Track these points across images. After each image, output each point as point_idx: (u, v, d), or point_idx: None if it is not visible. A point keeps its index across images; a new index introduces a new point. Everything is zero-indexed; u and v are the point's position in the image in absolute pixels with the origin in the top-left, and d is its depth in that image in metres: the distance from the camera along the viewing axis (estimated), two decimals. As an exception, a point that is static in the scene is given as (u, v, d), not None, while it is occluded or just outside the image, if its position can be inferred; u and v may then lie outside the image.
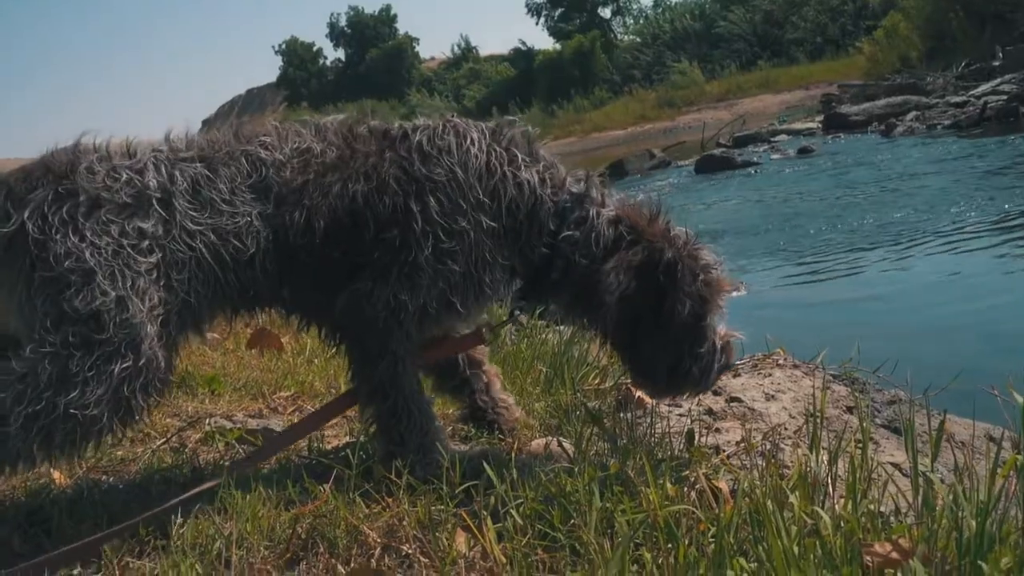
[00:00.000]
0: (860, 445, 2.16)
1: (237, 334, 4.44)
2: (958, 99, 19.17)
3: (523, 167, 2.35)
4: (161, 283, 2.08)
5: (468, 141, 2.31)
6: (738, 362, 3.67)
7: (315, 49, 72.08)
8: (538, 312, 4.89)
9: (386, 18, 70.81)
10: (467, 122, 2.40)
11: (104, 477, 2.55)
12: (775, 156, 17.37)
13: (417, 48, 69.05)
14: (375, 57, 66.06)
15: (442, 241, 2.24)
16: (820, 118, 21.97)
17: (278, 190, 2.21)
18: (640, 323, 2.34)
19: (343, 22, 70.55)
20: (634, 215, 2.42)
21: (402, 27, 73.26)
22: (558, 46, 48.80)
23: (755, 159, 16.99)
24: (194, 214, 2.13)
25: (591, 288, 2.34)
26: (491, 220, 2.28)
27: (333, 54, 73.73)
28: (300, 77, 69.43)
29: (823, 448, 2.24)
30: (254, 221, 2.18)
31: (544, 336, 4.28)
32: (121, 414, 2.04)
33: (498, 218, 2.30)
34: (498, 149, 2.34)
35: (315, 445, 2.68)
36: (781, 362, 3.67)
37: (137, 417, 2.08)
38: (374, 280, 2.26)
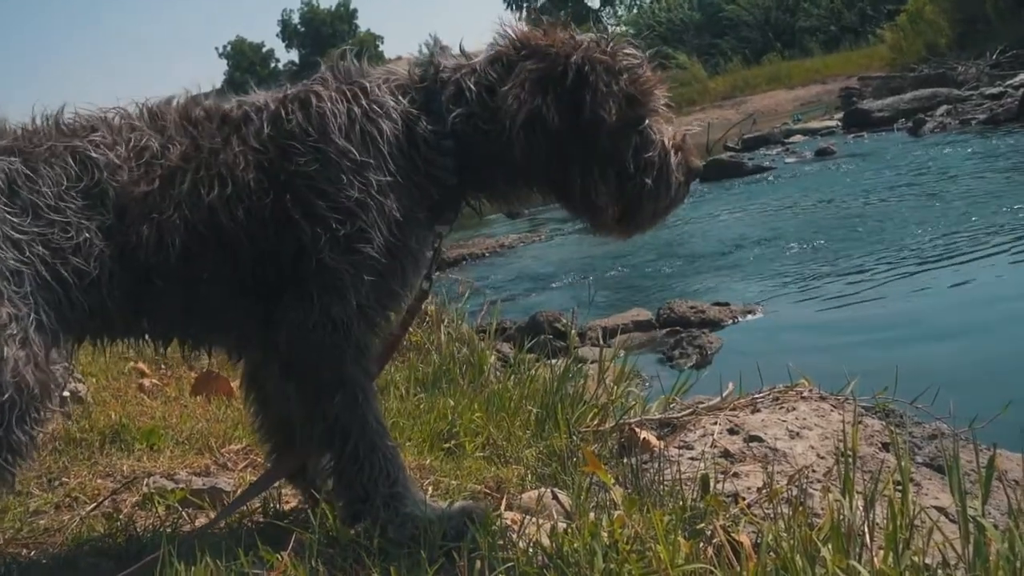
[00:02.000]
0: (899, 487, 2.15)
1: (180, 379, 4.42)
2: (994, 90, 19.43)
3: (378, 93, 2.33)
4: (3, 297, 2.00)
5: (317, 103, 2.27)
6: (757, 395, 3.67)
7: (265, 50, 72.46)
8: (527, 345, 4.90)
9: (344, 14, 71.37)
10: (307, 84, 2.37)
11: (24, 551, 2.50)
12: (790, 159, 17.51)
13: (381, 47, 69.53)
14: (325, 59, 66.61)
15: (343, 228, 2.19)
16: (839, 115, 22.16)
17: (117, 198, 2.15)
18: (564, 149, 2.30)
19: (296, 20, 71.04)
20: (523, 35, 2.41)
21: (363, 24, 73.83)
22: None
23: (768, 163, 17.11)
24: (14, 220, 2.05)
25: (496, 137, 2.29)
26: (380, 175, 2.24)
27: (286, 55, 74.08)
28: (249, 82, 69.80)
29: (857, 492, 2.23)
30: (94, 236, 2.11)
31: (534, 371, 4.27)
32: (3, 456, 1.99)
33: (385, 166, 2.26)
34: (346, 90, 2.31)
35: (270, 506, 2.64)
36: (806, 394, 3.67)
37: (24, 457, 2.03)
38: (298, 301, 2.23)
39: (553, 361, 4.76)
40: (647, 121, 2.36)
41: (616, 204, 2.37)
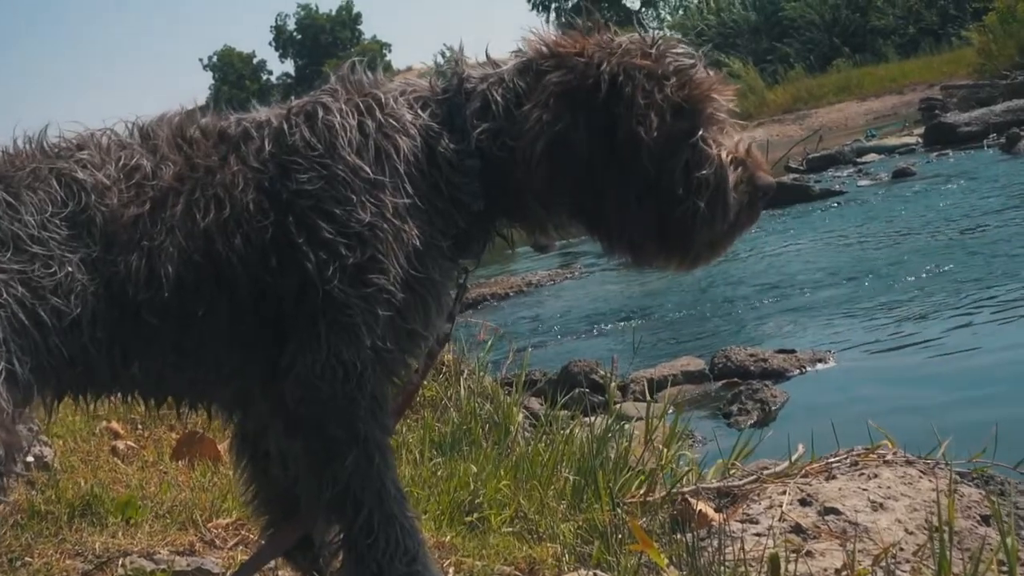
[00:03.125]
0: (1004, 568, 2.12)
1: (159, 440, 4.44)
2: (1101, 100, 19.34)
3: (394, 106, 2.35)
4: None
5: (325, 115, 2.30)
6: (831, 459, 3.65)
7: (256, 61, 73.40)
8: (560, 400, 4.90)
9: (347, 19, 72.24)
10: (313, 96, 2.40)
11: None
12: (863, 182, 17.47)
13: (389, 56, 70.21)
14: (334, 69, 67.29)
15: (353, 256, 2.20)
16: (920, 131, 22.14)
17: (105, 225, 2.17)
18: (597, 175, 2.29)
19: (292, 26, 71.96)
20: (550, 41, 2.40)
21: (368, 30, 74.64)
22: (574, 47, 49.34)
23: (837, 187, 17.07)
24: None
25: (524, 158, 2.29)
26: (396, 196, 2.25)
27: (280, 67, 75.00)
28: (237, 97, 70.47)
29: (954, 574, 2.21)
30: (76, 271, 2.12)
31: (569, 431, 4.26)
32: None
33: (403, 187, 2.27)
34: (359, 102, 2.34)
35: (267, 590, 2.64)
36: (889, 458, 3.64)
37: None
38: (304, 346, 2.23)
39: (591, 419, 4.75)
40: (700, 132, 2.33)
41: (660, 237, 2.34)
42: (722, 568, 2.60)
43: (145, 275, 2.17)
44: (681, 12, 51.70)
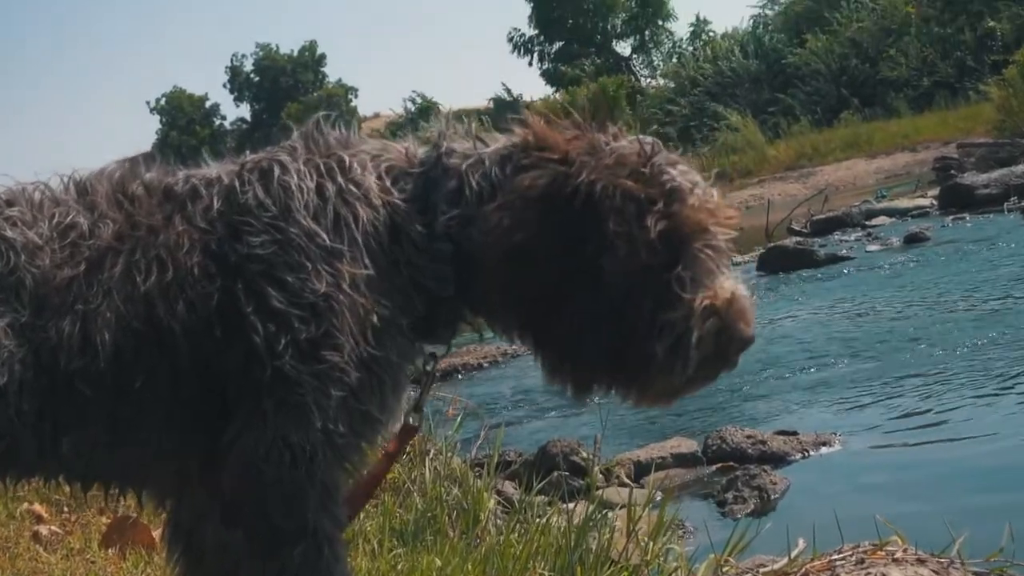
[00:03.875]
0: None
1: (87, 525, 4.38)
2: None
3: (359, 172, 2.36)
4: None
5: (280, 174, 2.31)
6: (835, 556, 3.63)
7: (209, 104, 73.60)
8: (536, 485, 4.86)
9: (309, 61, 72.69)
10: (267, 151, 2.42)
11: None
12: (873, 247, 17.60)
13: (355, 102, 70.61)
14: (295, 114, 67.46)
15: (305, 330, 2.20)
16: (934, 192, 22.37)
17: (35, 288, 2.17)
18: (559, 291, 2.27)
19: (248, 67, 72.33)
20: (537, 131, 2.37)
21: (332, 73, 75.16)
22: (558, 95, 49.67)
23: (844, 252, 17.19)
24: None
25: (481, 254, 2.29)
26: (354, 266, 2.26)
27: (234, 111, 75.18)
28: (187, 143, 70.53)
29: None
30: (2, 336, 2.12)
31: (545, 520, 4.24)
32: None
33: (361, 258, 2.28)
34: (320, 163, 2.35)
35: None
36: (899, 555, 3.62)
37: None
38: (248, 425, 2.22)
39: (570, 506, 4.72)
40: (678, 270, 2.29)
41: (613, 369, 2.34)
42: None
43: (79, 342, 2.17)
44: (675, 59, 52.40)
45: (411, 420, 2.61)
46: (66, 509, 4.52)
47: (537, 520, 4.24)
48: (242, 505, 2.26)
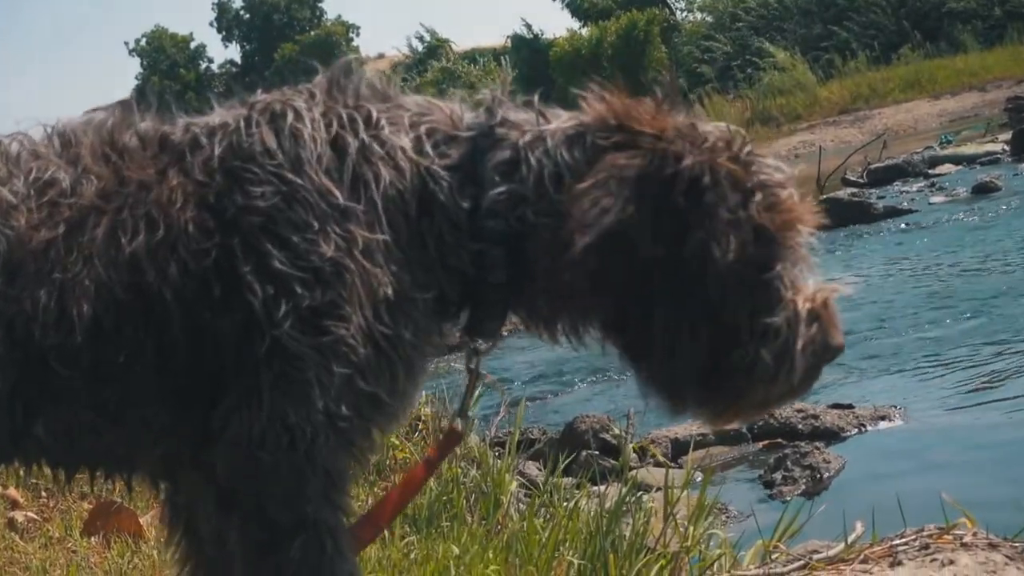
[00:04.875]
0: None
1: (67, 512, 4.41)
2: None
3: (388, 128, 2.32)
4: None
5: (293, 119, 2.28)
6: (897, 541, 3.63)
7: (194, 45, 73.50)
8: (562, 465, 4.88)
9: (306, -4, 72.47)
10: (283, 93, 2.38)
11: None
12: (937, 199, 17.53)
13: (356, 41, 70.37)
14: (289, 56, 67.37)
15: (309, 297, 2.18)
16: (1006, 136, 22.21)
17: (9, 252, 2.17)
18: (651, 286, 2.25)
19: (237, 2, 72.16)
20: (621, 109, 2.34)
21: (331, 9, 74.75)
22: (585, 31, 49.30)
23: (905, 204, 17.13)
24: None
25: (556, 250, 2.24)
26: (371, 231, 2.23)
27: (222, 52, 74.94)
28: (170, 89, 70.50)
29: None
30: None
31: (573, 504, 4.25)
32: None
33: (379, 224, 2.25)
34: (342, 113, 2.32)
35: None
36: (968, 539, 3.62)
37: None
38: (241, 403, 2.21)
39: (601, 489, 4.74)
40: (778, 268, 2.31)
41: (707, 381, 2.32)
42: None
43: (55, 314, 2.16)
44: (715, -9, 51.72)
45: (458, 423, 2.62)
46: (44, 494, 4.55)
47: (564, 504, 4.25)
48: (235, 494, 2.26)
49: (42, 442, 2.27)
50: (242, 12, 71.63)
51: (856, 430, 7.60)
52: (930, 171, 20.62)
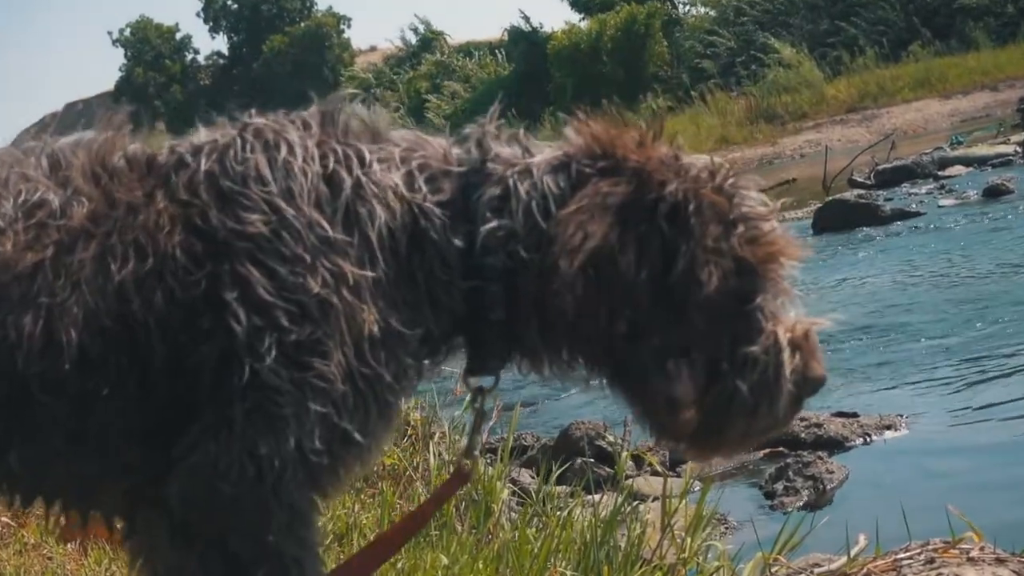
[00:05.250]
0: None
1: (42, 518, 4.39)
2: None
3: (378, 167, 2.34)
4: None
5: (286, 150, 2.29)
6: (901, 554, 3.63)
7: (180, 36, 73.45)
8: (556, 473, 4.87)
9: (296, -14, 72.42)
10: (275, 120, 2.39)
11: None
12: (946, 201, 17.54)
13: (347, 33, 70.35)
14: (279, 48, 67.40)
15: (294, 332, 2.18)
16: (1019, 138, 22.26)
17: None
18: (636, 315, 2.28)
19: (226, -8, 72.05)
20: (606, 137, 2.39)
21: (323, 0, 74.74)
22: (584, 24, 49.20)
23: (914, 206, 17.14)
24: None
25: (543, 278, 2.28)
26: (360, 267, 2.25)
27: (209, 43, 74.91)
28: (155, 81, 70.56)
29: None
30: None
31: (567, 513, 4.25)
32: None
33: (370, 261, 2.27)
34: (337, 149, 2.33)
35: None
36: (975, 554, 3.62)
37: None
38: (208, 433, 2.20)
39: (595, 498, 4.73)
40: (759, 300, 2.37)
41: (692, 415, 2.33)
42: None
43: (41, 341, 2.15)
44: (719, -16, 51.69)
45: (464, 464, 2.63)
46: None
47: (557, 513, 4.25)
48: (193, 526, 2.25)
49: (13, 472, 2.26)
50: (230, 2, 71.55)
51: (861, 439, 7.60)
52: (940, 173, 20.65)
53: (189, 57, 73.43)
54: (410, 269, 2.32)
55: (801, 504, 6.58)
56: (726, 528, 5.87)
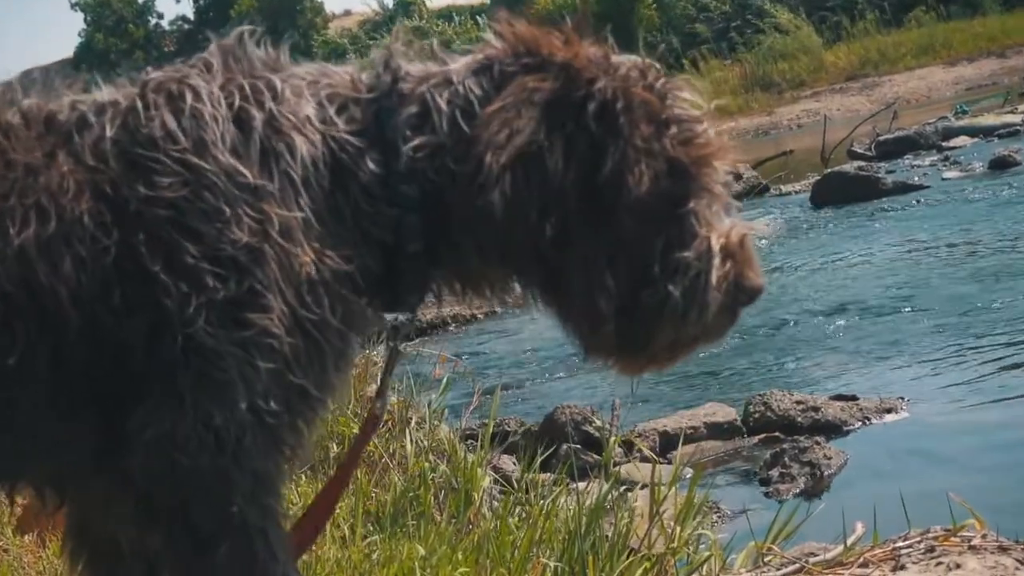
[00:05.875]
0: None
1: (-3, 508, 4.40)
2: None
3: (292, 99, 2.32)
4: None
5: (192, 97, 2.26)
6: (900, 543, 3.65)
7: (142, 1, 73.10)
8: (540, 459, 4.88)
9: (265, -56, 72.10)
10: (174, 69, 2.36)
11: None
12: (950, 174, 17.58)
13: (322, -1, 70.03)
14: (247, 12, 67.00)
15: (224, 288, 2.17)
16: (1026, 106, 22.33)
17: None
18: (565, 218, 2.29)
19: (190, -47, 71.68)
20: (529, 36, 2.40)
21: (294, -39, 74.27)
22: (571, -14, 49.06)
23: (916, 179, 17.18)
24: None
25: (470, 183, 2.28)
26: (287, 208, 2.23)
27: (174, 8, 74.56)
28: (117, 48, 70.17)
29: None
30: None
31: (550, 501, 4.26)
32: None
33: (296, 199, 2.25)
34: (244, 85, 2.31)
35: None
36: (977, 542, 3.64)
37: None
38: (161, 406, 2.19)
39: (581, 485, 4.75)
40: (692, 204, 2.36)
41: (622, 318, 2.35)
42: None
43: None
44: (713, -56, 51.60)
45: (376, 406, 2.62)
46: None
47: (541, 502, 4.26)
48: (157, 501, 2.25)
49: None
50: (195, -37, 71.16)
51: (860, 423, 7.63)
52: (944, 144, 20.70)
53: (152, 22, 73.08)
54: (336, 204, 2.31)
55: (797, 491, 6.61)
56: (718, 517, 5.89)
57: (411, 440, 4.89)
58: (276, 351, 2.20)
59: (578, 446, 7.01)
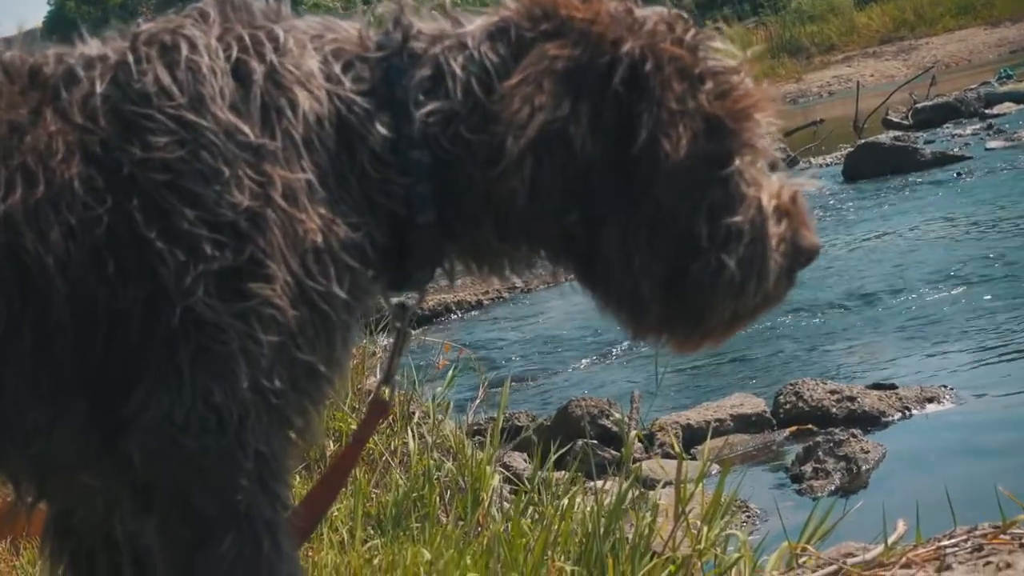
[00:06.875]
0: None
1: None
2: None
3: (296, 51, 2.31)
4: None
5: (188, 48, 2.25)
6: (945, 541, 3.65)
7: (116, -35, 73.04)
8: (554, 456, 4.88)
9: (250, -97, 71.91)
10: (167, 19, 2.36)
11: None
12: (993, 143, 17.55)
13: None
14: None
15: (224, 257, 2.17)
16: (1075, 71, 22.29)
17: None
18: (599, 193, 2.29)
19: (169, -88, 71.58)
20: (546, 2, 2.37)
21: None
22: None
23: (957, 149, 17.16)
24: None
25: (487, 158, 2.27)
26: (291, 169, 2.23)
27: (150, -27, 74.46)
28: (89, 16, 70.08)
29: None
30: None
31: (566, 501, 4.26)
32: None
33: (299, 160, 2.25)
34: (244, 35, 2.30)
35: None
36: (1028, 540, 3.64)
37: None
38: (160, 385, 2.19)
39: (599, 484, 4.75)
40: (736, 163, 2.34)
41: (670, 297, 2.34)
42: None
43: None
44: None
45: (383, 391, 2.62)
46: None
47: (555, 502, 4.26)
48: (154, 485, 2.25)
49: None
50: (174, -77, 71.10)
51: (899, 414, 7.63)
52: (986, 111, 20.68)
53: (128, -11, 73.02)
54: (340, 168, 2.30)
55: (832, 488, 6.61)
56: (748, 516, 5.90)
57: (414, 436, 4.89)
58: (280, 324, 2.20)
59: (595, 441, 7.02)
